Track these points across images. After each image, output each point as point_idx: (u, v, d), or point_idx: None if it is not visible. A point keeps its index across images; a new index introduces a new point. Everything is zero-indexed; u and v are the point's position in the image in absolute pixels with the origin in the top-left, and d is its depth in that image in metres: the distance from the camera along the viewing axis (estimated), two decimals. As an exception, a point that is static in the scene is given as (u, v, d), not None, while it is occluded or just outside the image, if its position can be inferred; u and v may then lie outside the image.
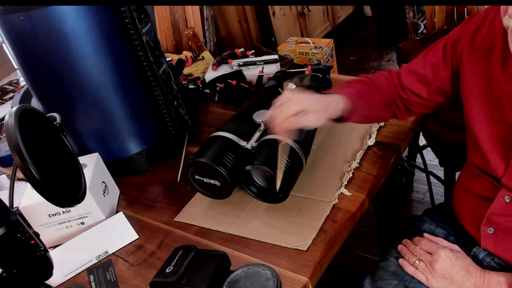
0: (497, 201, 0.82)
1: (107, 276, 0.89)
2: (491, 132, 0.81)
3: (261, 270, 0.76)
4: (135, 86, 1.08)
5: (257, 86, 1.38)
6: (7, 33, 0.98)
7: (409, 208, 1.96)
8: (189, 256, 0.79)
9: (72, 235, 0.99)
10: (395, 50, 1.92)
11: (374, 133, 1.05)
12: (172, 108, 1.14)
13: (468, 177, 0.92)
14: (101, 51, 1.00)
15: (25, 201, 0.95)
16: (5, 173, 1.34)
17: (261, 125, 0.96)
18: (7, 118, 0.66)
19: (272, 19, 2.77)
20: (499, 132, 0.80)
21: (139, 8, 1.03)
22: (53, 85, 1.03)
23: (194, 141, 1.23)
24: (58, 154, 0.77)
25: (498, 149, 0.80)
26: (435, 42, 0.90)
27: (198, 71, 1.58)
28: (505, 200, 0.81)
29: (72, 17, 0.94)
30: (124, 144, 1.13)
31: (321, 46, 1.47)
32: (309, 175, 0.99)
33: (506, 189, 0.81)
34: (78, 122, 1.09)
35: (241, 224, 0.92)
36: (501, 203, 0.82)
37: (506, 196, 0.81)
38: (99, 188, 1.00)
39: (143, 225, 1.00)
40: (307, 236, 0.84)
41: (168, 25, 2.10)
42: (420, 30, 2.54)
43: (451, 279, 0.82)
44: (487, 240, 0.86)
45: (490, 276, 0.81)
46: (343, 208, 0.89)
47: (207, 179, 0.92)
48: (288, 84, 1.07)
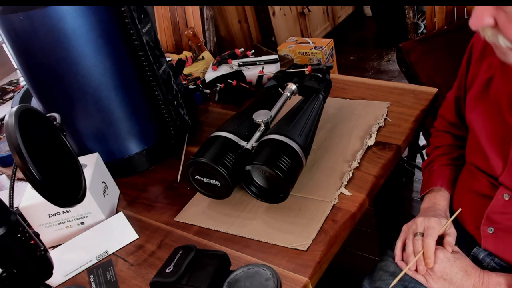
0: (496, 199, 0.82)
1: (107, 276, 0.89)
2: (489, 131, 0.82)
3: (261, 270, 0.76)
4: (135, 86, 1.08)
5: (257, 86, 1.38)
6: (7, 33, 0.98)
7: (409, 208, 1.96)
8: (189, 256, 0.79)
9: (72, 235, 0.99)
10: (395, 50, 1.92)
11: (374, 133, 1.05)
12: (172, 108, 1.14)
13: (468, 176, 0.92)
14: (101, 51, 1.00)
15: (25, 201, 0.95)
16: (5, 173, 1.34)
17: (261, 125, 0.96)
18: (7, 118, 0.66)
19: (272, 19, 2.77)
20: (497, 131, 0.81)
21: (139, 8, 1.03)
22: (53, 85, 1.03)
23: (194, 141, 1.23)
24: (58, 154, 0.77)
25: (496, 147, 0.81)
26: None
27: (198, 71, 1.58)
28: (504, 198, 0.81)
29: (72, 17, 0.94)
30: (124, 144, 1.13)
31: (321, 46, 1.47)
32: (309, 175, 0.99)
33: (504, 188, 0.81)
34: (78, 122, 1.09)
35: (241, 224, 0.92)
36: (500, 201, 0.82)
37: (505, 194, 0.81)
38: (99, 188, 1.00)
39: (143, 225, 1.00)
40: (307, 236, 0.84)
41: (168, 25, 2.10)
42: (420, 30, 2.55)
43: (450, 280, 0.82)
44: (487, 240, 0.86)
45: (489, 276, 0.81)
46: (343, 208, 0.89)
47: (207, 179, 0.92)
48: (288, 85, 1.07)
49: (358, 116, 1.13)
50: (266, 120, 0.96)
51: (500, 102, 0.79)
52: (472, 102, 0.86)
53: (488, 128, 0.82)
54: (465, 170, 0.94)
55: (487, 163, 0.83)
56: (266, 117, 0.97)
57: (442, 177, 0.96)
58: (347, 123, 1.12)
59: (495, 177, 0.82)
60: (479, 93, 0.83)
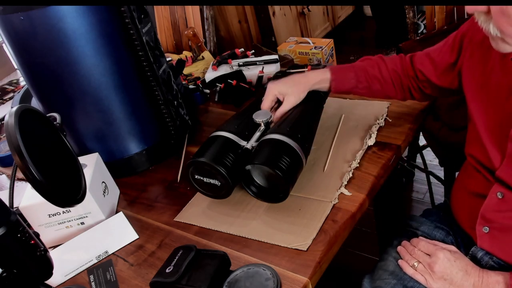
0: (489, 198, 0.83)
1: (107, 276, 0.89)
2: (489, 123, 0.82)
3: (261, 270, 0.76)
4: (135, 86, 1.08)
5: (257, 86, 1.38)
6: (7, 33, 0.98)
7: (409, 208, 1.96)
8: (189, 256, 0.79)
9: (72, 235, 0.99)
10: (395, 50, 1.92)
11: (374, 133, 1.05)
12: (172, 108, 1.14)
13: (465, 175, 0.92)
14: (101, 51, 1.00)
15: (25, 201, 0.95)
16: (5, 173, 1.34)
17: (261, 125, 0.97)
18: (7, 118, 0.66)
19: (272, 19, 2.77)
20: (497, 124, 0.81)
21: (139, 8, 1.03)
22: (53, 85, 1.03)
23: (194, 141, 1.23)
24: (58, 154, 0.77)
25: (495, 140, 0.81)
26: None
27: (198, 71, 1.58)
28: (498, 196, 0.81)
29: (72, 17, 0.94)
30: (124, 144, 1.13)
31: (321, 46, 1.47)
32: (309, 175, 0.99)
33: (499, 185, 0.81)
34: (78, 122, 1.09)
35: (241, 224, 0.92)
36: (493, 199, 0.82)
37: (498, 193, 0.81)
38: (99, 188, 1.00)
39: (143, 225, 1.00)
40: (307, 236, 0.84)
41: (168, 25, 2.11)
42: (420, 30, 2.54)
43: (450, 280, 0.82)
44: (482, 239, 0.86)
45: (489, 275, 0.81)
46: (343, 208, 0.89)
47: (207, 178, 0.92)
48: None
49: (358, 116, 1.13)
50: (266, 120, 0.96)
51: (500, 95, 0.79)
52: (472, 92, 0.86)
53: (488, 120, 0.83)
54: (463, 169, 0.95)
55: (485, 155, 0.83)
56: (266, 117, 0.97)
57: (343, 70, 1.01)
58: (347, 123, 1.12)
59: (493, 170, 0.82)
60: (479, 84, 0.84)
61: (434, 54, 0.95)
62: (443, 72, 0.94)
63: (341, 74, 1.00)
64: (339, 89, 1.01)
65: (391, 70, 1.00)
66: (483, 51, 0.83)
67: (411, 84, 1.01)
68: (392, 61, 1.01)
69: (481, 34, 0.83)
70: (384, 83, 1.01)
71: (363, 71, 1.00)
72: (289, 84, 0.99)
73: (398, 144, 1.02)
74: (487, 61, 0.82)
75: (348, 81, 1.00)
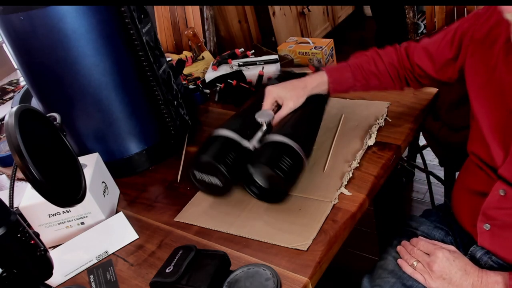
0: (492, 194, 0.83)
1: (107, 276, 0.89)
2: (492, 120, 0.82)
3: (261, 270, 0.76)
4: (135, 86, 1.08)
5: (257, 86, 1.38)
6: (7, 33, 0.98)
7: (409, 208, 1.96)
8: (189, 256, 0.79)
9: (72, 235, 0.99)
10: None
11: (374, 133, 1.05)
12: (172, 108, 1.14)
13: (467, 174, 0.93)
14: (101, 51, 1.00)
15: (25, 201, 0.95)
16: (5, 173, 1.34)
17: (263, 125, 0.96)
18: (7, 118, 0.66)
19: (272, 19, 2.77)
20: (500, 121, 0.81)
21: (139, 8, 1.03)
22: (53, 85, 1.03)
23: (194, 141, 1.23)
24: (58, 154, 0.77)
25: (499, 138, 0.81)
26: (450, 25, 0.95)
27: (198, 71, 1.58)
28: (500, 193, 0.81)
29: (72, 17, 0.94)
30: (124, 144, 1.13)
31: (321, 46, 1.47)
32: (309, 175, 0.99)
33: (502, 182, 0.81)
34: (78, 122, 1.09)
35: (241, 224, 0.92)
36: (495, 196, 0.82)
37: (500, 190, 0.81)
38: (99, 188, 1.00)
39: (143, 225, 1.00)
40: (307, 236, 0.84)
41: (168, 25, 2.11)
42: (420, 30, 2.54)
43: (449, 280, 0.82)
44: (483, 237, 0.86)
45: (488, 275, 0.81)
46: (343, 208, 0.89)
47: (208, 176, 0.92)
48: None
49: (358, 116, 1.13)
50: (269, 120, 0.96)
51: (504, 92, 0.79)
52: (476, 90, 0.86)
53: (491, 118, 0.82)
54: (464, 168, 0.95)
55: (488, 153, 0.83)
56: (268, 117, 0.97)
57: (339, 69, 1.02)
58: (347, 123, 1.12)
59: (495, 168, 0.82)
60: (483, 82, 0.84)
61: (432, 48, 0.95)
62: (441, 67, 0.94)
63: (338, 75, 1.01)
64: (338, 90, 1.02)
65: (387, 63, 1.00)
66: (484, 49, 0.83)
67: (407, 75, 1.01)
68: (387, 54, 1.01)
69: (482, 32, 0.83)
70: (382, 78, 1.01)
71: (359, 69, 1.00)
72: (288, 89, 0.99)
73: (398, 144, 1.02)
74: (490, 59, 0.82)
75: (346, 81, 1.00)
